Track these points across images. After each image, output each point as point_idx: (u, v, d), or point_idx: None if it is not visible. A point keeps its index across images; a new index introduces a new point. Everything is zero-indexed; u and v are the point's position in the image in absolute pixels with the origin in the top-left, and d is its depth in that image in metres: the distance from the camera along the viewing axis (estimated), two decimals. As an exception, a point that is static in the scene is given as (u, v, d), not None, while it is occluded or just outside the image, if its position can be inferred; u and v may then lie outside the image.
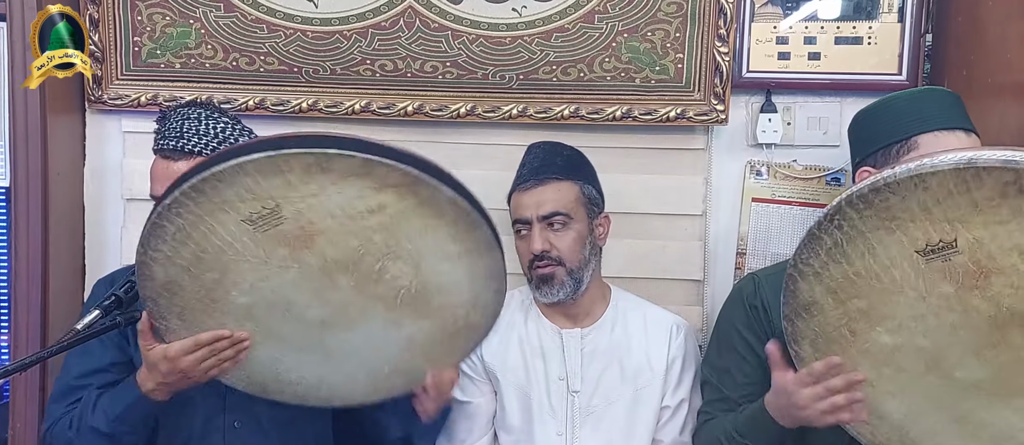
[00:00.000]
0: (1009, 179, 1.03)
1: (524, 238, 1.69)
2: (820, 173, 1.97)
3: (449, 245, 1.26)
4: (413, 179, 1.17)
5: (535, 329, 1.75)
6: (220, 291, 1.27)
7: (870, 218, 1.12)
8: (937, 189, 1.06)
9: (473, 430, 1.73)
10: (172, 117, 1.57)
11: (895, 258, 1.13)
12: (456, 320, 1.35)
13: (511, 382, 1.72)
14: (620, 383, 1.71)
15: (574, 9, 1.88)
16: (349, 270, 1.26)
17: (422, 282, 1.29)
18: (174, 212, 1.19)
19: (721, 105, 1.91)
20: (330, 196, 1.18)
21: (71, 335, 1.24)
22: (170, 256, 1.23)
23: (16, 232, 1.87)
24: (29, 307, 1.87)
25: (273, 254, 1.23)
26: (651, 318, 1.78)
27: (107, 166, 2.04)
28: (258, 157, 1.14)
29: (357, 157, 1.15)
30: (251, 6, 1.91)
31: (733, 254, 2.01)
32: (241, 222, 1.19)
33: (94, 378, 1.53)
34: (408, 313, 1.32)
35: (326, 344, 1.35)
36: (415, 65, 1.92)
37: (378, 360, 1.38)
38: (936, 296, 1.14)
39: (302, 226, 1.20)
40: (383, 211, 1.20)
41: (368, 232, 1.22)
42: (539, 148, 1.76)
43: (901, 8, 1.92)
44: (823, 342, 1.24)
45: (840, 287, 1.18)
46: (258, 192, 1.17)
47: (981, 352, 1.16)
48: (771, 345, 1.36)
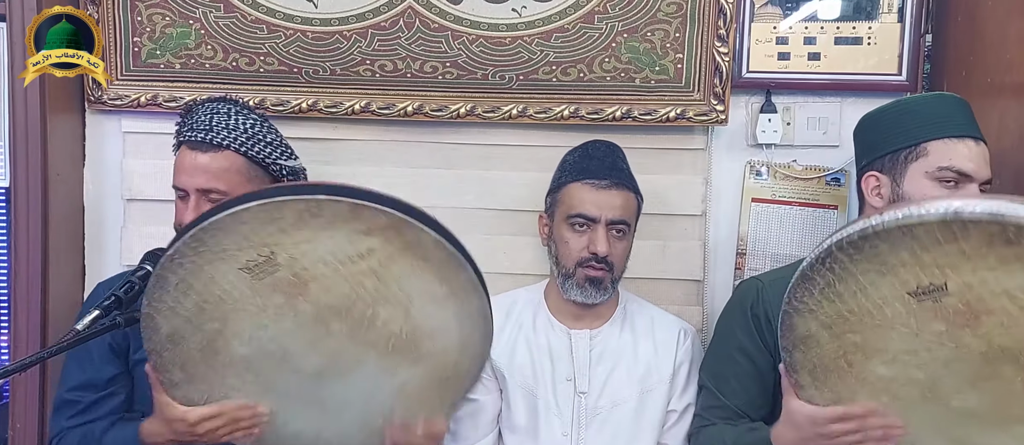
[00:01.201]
0: (995, 231, 1.04)
1: (581, 234, 1.66)
2: (820, 173, 1.97)
3: (436, 287, 1.30)
4: (398, 222, 1.22)
5: (543, 329, 1.75)
6: (221, 342, 1.31)
7: (860, 262, 1.13)
8: (925, 238, 1.08)
9: (478, 428, 1.73)
10: (200, 110, 1.58)
11: (887, 298, 1.15)
12: (446, 366, 1.38)
13: (518, 381, 1.72)
14: (627, 385, 1.71)
15: (574, 9, 1.88)
16: (342, 316, 1.30)
17: (412, 326, 1.32)
18: (177, 263, 1.23)
19: (721, 105, 1.91)
20: (322, 242, 1.23)
21: (71, 335, 1.24)
22: (173, 307, 1.27)
23: (16, 232, 1.87)
24: (29, 307, 1.87)
25: (270, 302, 1.28)
26: (658, 321, 1.78)
27: (107, 166, 2.04)
28: (253, 205, 1.20)
29: (345, 202, 1.20)
30: (251, 6, 1.91)
31: (733, 254, 2.01)
32: (239, 270, 1.24)
33: (89, 392, 1.56)
34: (400, 360, 1.35)
35: (322, 396, 1.39)
36: (415, 65, 1.92)
37: (372, 411, 1.42)
38: (928, 333, 1.15)
39: (296, 273, 1.25)
40: (372, 256, 1.25)
41: (359, 277, 1.26)
42: (605, 147, 1.75)
43: (901, 8, 1.92)
44: (821, 372, 1.25)
45: (834, 323, 1.20)
46: (254, 240, 1.22)
47: (976, 384, 1.17)
48: (783, 369, 1.32)
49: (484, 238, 1.98)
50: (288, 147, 1.68)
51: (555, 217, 1.72)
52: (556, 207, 1.72)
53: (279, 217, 1.20)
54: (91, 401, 1.56)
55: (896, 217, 1.09)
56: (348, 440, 1.45)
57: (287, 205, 1.19)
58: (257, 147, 1.58)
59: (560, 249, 1.70)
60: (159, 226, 1.88)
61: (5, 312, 1.96)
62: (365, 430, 1.44)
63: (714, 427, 1.58)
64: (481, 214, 2.00)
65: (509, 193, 1.99)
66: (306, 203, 1.19)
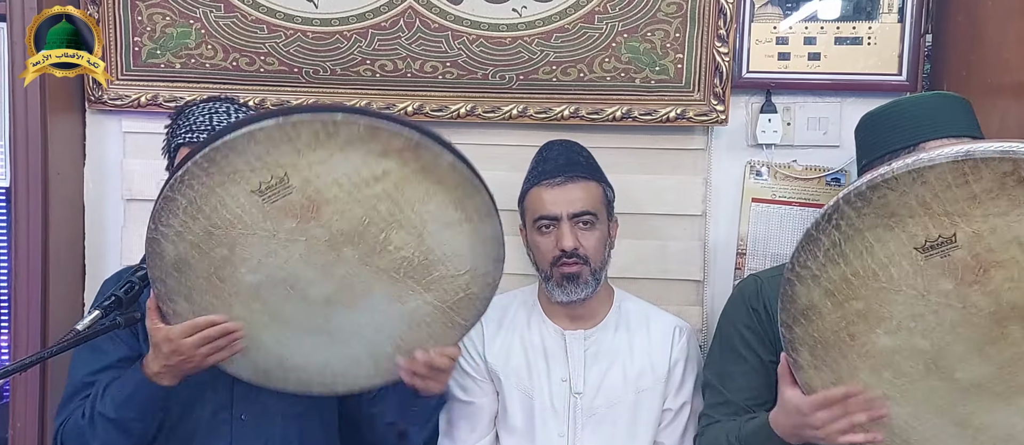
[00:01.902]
0: (1007, 169, 1.03)
1: (548, 235, 1.67)
2: (820, 173, 1.97)
3: (450, 212, 1.28)
4: (415, 143, 1.21)
5: (538, 330, 1.75)
6: (228, 269, 1.28)
7: (868, 216, 1.11)
8: (935, 183, 1.06)
9: (475, 430, 1.73)
10: (196, 111, 1.56)
11: (893, 256, 1.13)
12: (456, 291, 1.36)
13: (513, 383, 1.72)
14: (622, 385, 1.71)
15: (574, 9, 1.88)
16: (355, 242, 1.28)
17: (425, 252, 1.30)
18: (186, 184, 1.21)
19: (721, 105, 1.91)
20: (336, 163, 1.21)
21: (71, 335, 1.25)
22: (181, 231, 1.25)
23: (16, 232, 1.87)
24: (29, 307, 1.87)
25: (281, 226, 1.25)
26: (654, 320, 1.78)
27: (107, 166, 2.04)
28: (268, 124, 1.18)
29: (362, 121, 1.18)
30: (251, 6, 1.91)
31: (733, 254, 2.01)
32: (251, 193, 1.22)
33: (103, 375, 1.51)
34: (411, 286, 1.33)
35: (330, 325, 1.36)
36: (415, 65, 1.92)
37: (381, 339, 1.39)
38: (935, 293, 1.13)
39: (309, 196, 1.23)
40: (387, 178, 1.23)
41: (373, 201, 1.24)
42: (560, 146, 1.75)
43: (901, 8, 1.92)
44: (822, 349, 1.23)
45: (838, 289, 1.17)
46: (267, 160, 1.20)
47: (982, 349, 1.15)
48: (782, 359, 1.32)
49: (484, 238, 1.98)
50: None
51: (526, 225, 1.74)
52: (525, 215, 1.74)
53: (294, 136, 1.18)
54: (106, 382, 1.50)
55: (906, 163, 1.08)
56: (357, 369, 1.43)
57: (303, 124, 1.18)
58: None
59: (535, 254, 1.71)
60: (159, 226, 1.88)
61: (5, 312, 1.97)
62: (374, 359, 1.42)
63: (718, 424, 1.58)
64: (481, 214, 1.99)
65: (509, 193, 1.97)
66: (322, 123, 1.18)
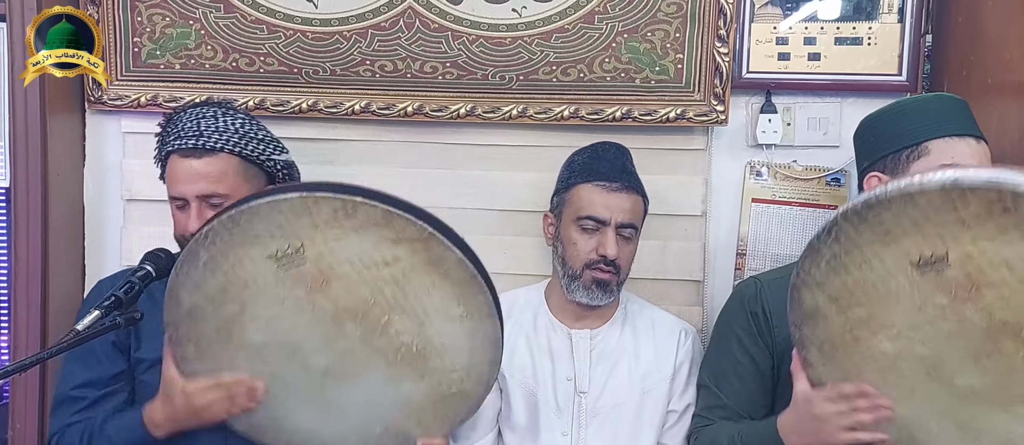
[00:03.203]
0: (993, 198, 1.06)
1: (591, 236, 1.66)
2: (820, 173, 1.97)
3: (453, 307, 1.32)
4: (428, 235, 1.26)
5: (544, 329, 1.75)
6: (237, 326, 1.34)
7: (865, 232, 1.16)
8: (926, 207, 1.10)
9: (477, 427, 1.73)
10: (184, 117, 1.57)
11: (891, 270, 1.16)
12: (450, 385, 1.40)
13: (518, 381, 1.72)
14: (627, 385, 1.71)
15: (574, 10, 1.88)
16: (358, 319, 1.33)
17: (424, 340, 1.35)
18: (209, 240, 1.27)
19: (721, 105, 1.91)
20: (351, 242, 1.27)
21: (71, 335, 1.24)
22: (198, 283, 1.31)
23: (16, 232, 1.87)
24: (29, 307, 1.87)
25: (291, 293, 1.31)
26: (659, 322, 1.78)
27: (107, 166, 2.04)
28: (293, 197, 1.24)
29: (380, 208, 1.24)
30: (251, 7, 1.91)
31: (733, 255, 2.01)
32: (267, 258, 1.28)
33: (91, 390, 1.55)
34: (407, 371, 1.38)
35: (326, 395, 1.41)
36: (415, 66, 1.92)
37: (372, 418, 1.43)
38: (931, 307, 1.16)
39: (321, 269, 1.29)
40: (396, 264, 1.28)
41: (380, 284, 1.30)
42: (616, 149, 1.74)
43: (901, 8, 1.92)
44: (829, 348, 1.27)
45: (841, 296, 1.22)
46: (287, 230, 1.26)
47: (978, 360, 1.18)
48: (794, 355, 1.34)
49: (484, 238, 1.97)
50: (278, 142, 1.67)
51: (563, 217, 1.71)
52: (564, 207, 1.71)
53: (315, 212, 1.24)
54: (94, 398, 1.55)
55: (899, 186, 1.11)
56: (344, 442, 1.46)
57: (324, 201, 1.24)
58: (250, 146, 1.57)
59: (568, 250, 1.69)
60: (159, 226, 1.87)
61: (5, 312, 1.97)
62: (362, 438, 1.45)
63: (714, 426, 1.58)
64: (481, 214, 2.00)
65: (509, 193, 1.99)
66: (343, 202, 1.23)
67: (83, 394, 1.55)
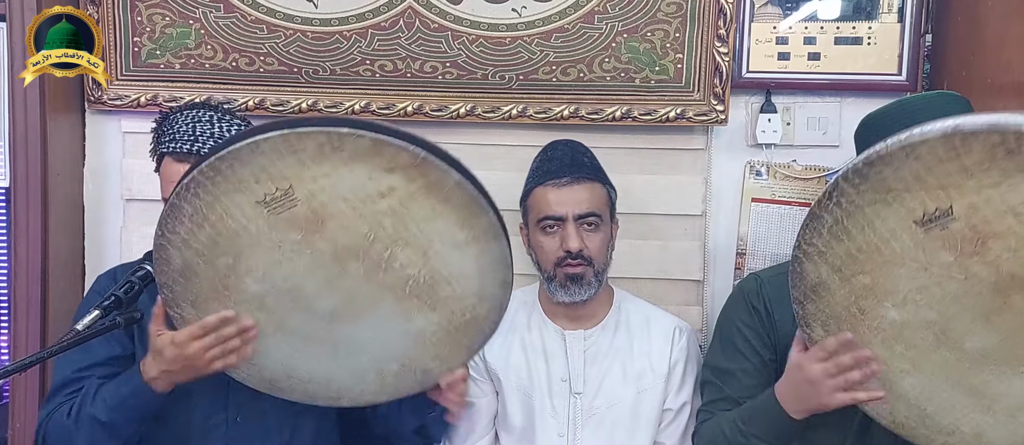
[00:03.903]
0: (996, 141, 1.04)
1: (553, 235, 1.66)
2: (820, 173, 1.97)
3: (457, 232, 1.27)
4: (421, 160, 1.20)
5: (538, 330, 1.75)
6: (233, 278, 1.28)
7: (866, 192, 1.13)
8: (928, 157, 1.08)
9: (474, 430, 1.73)
10: (180, 119, 1.54)
11: (894, 230, 1.14)
12: (463, 312, 1.35)
13: (513, 383, 1.72)
14: (622, 385, 1.71)
15: (574, 9, 1.88)
16: (359, 257, 1.27)
17: (430, 271, 1.29)
18: (192, 192, 1.21)
19: (721, 105, 1.91)
20: (342, 177, 1.20)
21: (71, 335, 1.24)
22: (186, 239, 1.25)
23: (16, 232, 1.87)
24: (29, 307, 1.87)
25: (286, 238, 1.25)
26: (654, 320, 1.78)
27: (107, 166, 2.04)
28: (273, 136, 1.17)
29: (367, 136, 1.17)
30: (251, 6, 1.91)
31: (733, 254, 2.01)
32: (256, 204, 1.22)
33: (96, 370, 1.49)
34: (417, 304, 1.32)
35: (335, 338, 1.35)
36: (415, 65, 1.92)
37: (387, 356, 1.39)
38: (937, 265, 1.14)
39: (314, 209, 1.22)
40: (392, 194, 1.22)
41: (378, 217, 1.24)
42: (564, 145, 1.75)
43: (901, 8, 1.92)
44: (834, 323, 1.25)
45: (844, 264, 1.19)
46: (272, 172, 1.19)
47: (988, 319, 1.16)
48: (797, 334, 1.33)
49: (484, 238, 1.98)
50: None
51: (529, 225, 1.73)
52: (528, 215, 1.73)
53: (299, 148, 1.18)
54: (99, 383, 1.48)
55: (899, 139, 1.09)
56: (362, 385, 1.42)
57: (308, 137, 1.17)
58: None
59: (538, 255, 1.70)
60: (159, 226, 1.88)
61: (5, 312, 1.97)
62: (380, 375, 1.41)
63: (716, 418, 1.58)
64: (481, 214, 1.99)
65: (509, 193, 1.97)
66: (328, 136, 1.17)
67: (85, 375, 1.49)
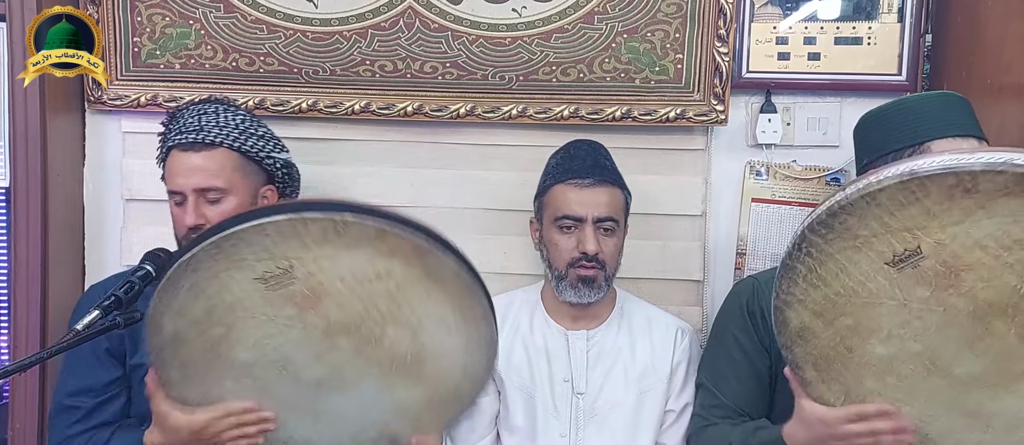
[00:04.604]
0: (952, 182, 1.06)
1: (570, 234, 1.66)
2: (820, 173, 1.97)
3: (448, 314, 1.31)
4: (423, 249, 1.23)
5: (540, 331, 1.75)
6: (224, 346, 1.31)
7: (834, 240, 1.15)
8: (888, 203, 1.10)
9: (475, 430, 1.73)
10: (186, 114, 1.58)
11: (867, 273, 1.16)
12: (446, 388, 1.40)
13: (515, 383, 1.72)
14: (624, 385, 1.71)
15: (574, 10, 1.88)
16: (351, 333, 1.31)
17: (419, 348, 1.34)
18: (192, 268, 1.23)
19: (721, 105, 1.91)
20: (342, 260, 1.23)
21: (71, 335, 1.24)
22: (180, 310, 1.27)
23: (16, 232, 1.87)
24: (29, 307, 1.86)
25: (280, 312, 1.28)
26: (656, 321, 1.78)
27: (107, 166, 2.04)
28: (279, 219, 1.20)
29: (371, 225, 1.20)
30: (251, 7, 1.91)
31: (733, 255, 2.01)
32: (254, 280, 1.24)
33: (86, 398, 1.55)
34: (401, 379, 1.37)
35: (318, 406, 1.39)
36: (415, 66, 1.92)
37: (365, 423, 1.43)
38: (915, 301, 1.16)
39: (312, 287, 1.26)
40: (390, 278, 1.26)
41: (373, 298, 1.27)
42: (587, 146, 1.74)
43: (901, 8, 1.92)
44: (824, 363, 1.26)
45: (824, 309, 1.21)
46: (274, 252, 1.22)
47: (972, 346, 1.18)
48: (788, 372, 1.32)
49: (483, 238, 1.98)
50: (278, 140, 1.68)
51: (544, 221, 1.72)
52: (543, 211, 1.72)
53: (303, 232, 1.20)
54: (91, 406, 1.55)
55: (858, 187, 1.11)
56: None
57: (314, 222, 1.19)
58: (250, 142, 1.58)
59: (551, 252, 1.70)
60: (159, 226, 1.87)
61: (5, 312, 1.96)
62: (355, 441, 1.45)
63: (716, 427, 1.58)
64: (480, 214, 2.00)
65: (509, 193, 1.99)
66: (333, 222, 1.20)
67: (78, 403, 1.55)
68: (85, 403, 1.55)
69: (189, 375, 1.34)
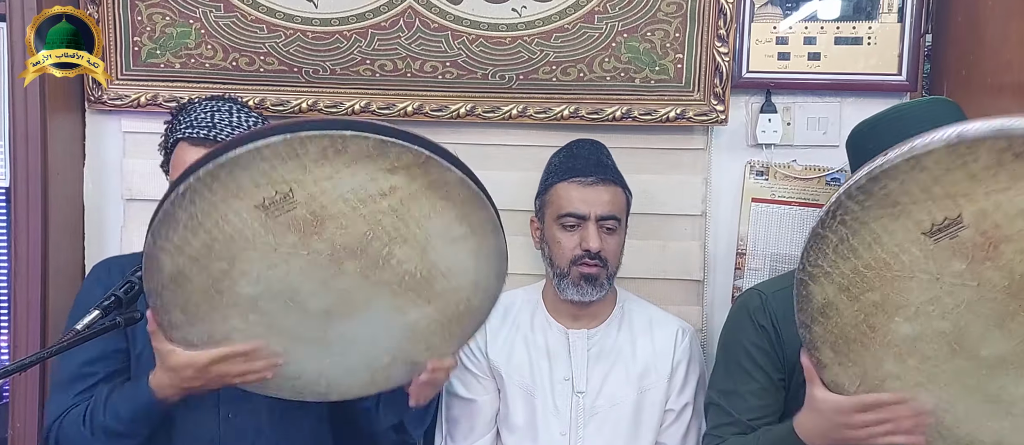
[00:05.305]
0: (1003, 145, 1.03)
1: (573, 232, 1.67)
2: (820, 173, 1.97)
3: (455, 227, 1.27)
4: (424, 159, 1.19)
5: (541, 329, 1.76)
6: (227, 282, 1.26)
7: (872, 208, 1.10)
8: (934, 167, 1.06)
9: (475, 428, 1.73)
10: (199, 107, 1.56)
11: (902, 243, 1.12)
12: (458, 304, 1.35)
13: (516, 381, 1.73)
14: (625, 384, 1.71)
15: (574, 9, 1.88)
16: (357, 256, 1.26)
17: (428, 266, 1.29)
18: (188, 200, 1.18)
19: (721, 105, 1.91)
20: (343, 179, 1.19)
21: (71, 335, 1.24)
22: (180, 246, 1.22)
23: (16, 232, 1.87)
24: (29, 307, 1.86)
25: (283, 240, 1.23)
26: (656, 321, 1.78)
27: (107, 166, 2.04)
28: (275, 140, 1.15)
29: (371, 138, 1.16)
30: (251, 6, 1.91)
31: (733, 254, 2.01)
32: (254, 208, 1.20)
33: (100, 365, 1.51)
34: (412, 298, 1.32)
35: (328, 335, 1.35)
36: (415, 65, 1.92)
37: (378, 350, 1.39)
38: (949, 275, 1.12)
39: (313, 211, 1.21)
40: (394, 193, 1.22)
41: (378, 216, 1.23)
42: (590, 145, 1.75)
43: (901, 8, 1.92)
44: (843, 344, 1.21)
45: (852, 283, 1.16)
46: (273, 176, 1.17)
47: (1002, 324, 1.14)
48: (804, 358, 1.28)
49: (484, 238, 1.98)
50: None
51: (545, 219, 1.72)
52: (545, 209, 1.72)
53: (301, 152, 1.16)
54: (105, 373, 1.51)
55: (902, 151, 1.07)
56: (351, 379, 1.42)
57: (311, 140, 1.15)
58: None
59: (553, 250, 1.70)
60: (159, 226, 1.88)
61: (5, 312, 1.97)
62: (369, 369, 1.41)
63: (727, 442, 1.54)
64: (481, 214, 2.00)
65: (509, 193, 1.98)
66: (331, 139, 1.15)
67: (93, 371, 1.50)
68: (99, 371, 1.50)
69: (191, 316, 1.29)
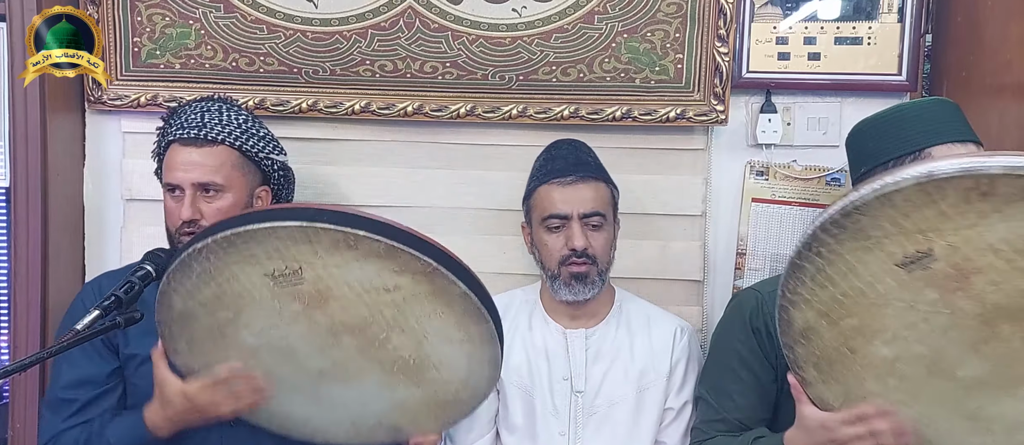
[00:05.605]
0: (970, 184, 1.05)
1: (558, 233, 1.68)
2: (820, 173, 1.97)
3: (453, 332, 1.33)
4: (432, 270, 1.25)
5: (539, 330, 1.76)
6: (231, 328, 1.34)
7: (846, 240, 1.15)
8: (903, 205, 1.09)
9: (474, 429, 1.73)
10: (188, 109, 1.60)
11: (877, 274, 1.16)
12: (446, 394, 1.42)
13: (514, 382, 1.73)
14: (624, 384, 1.71)
15: (574, 9, 1.88)
16: (355, 333, 1.33)
17: (421, 356, 1.36)
18: (204, 256, 1.26)
19: (721, 105, 1.91)
20: (351, 269, 1.25)
21: (71, 335, 1.24)
22: (190, 292, 1.31)
23: (16, 232, 1.87)
24: (29, 307, 1.86)
25: (287, 307, 1.30)
26: (655, 320, 1.78)
27: (107, 166, 2.04)
28: (291, 225, 1.22)
29: (383, 242, 1.22)
30: (251, 7, 1.91)
31: (733, 254, 2.01)
32: (263, 276, 1.27)
33: (82, 391, 1.55)
34: (402, 379, 1.39)
35: (319, 392, 1.42)
36: (415, 65, 1.92)
37: (366, 413, 1.46)
38: (923, 303, 1.16)
39: (319, 289, 1.28)
40: (397, 291, 1.28)
41: (380, 305, 1.29)
42: (568, 145, 1.76)
43: (901, 8, 1.92)
44: (826, 364, 1.26)
45: (830, 309, 1.21)
46: (285, 254, 1.25)
47: (977, 349, 1.17)
48: (791, 377, 1.32)
49: (483, 238, 1.98)
50: (277, 143, 1.70)
51: (532, 223, 1.74)
52: (531, 213, 1.74)
53: (315, 240, 1.22)
54: (87, 399, 1.55)
55: (873, 188, 1.10)
56: (337, 430, 1.48)
57: (325, 233, 1.21)
58: (251, 141, 1.60)
59: (542, 253, 1.71)
60: (159, 226, 1.86)
61: (5, 312, 1.96)
62: (355, 426, 1.47)
63: (714, 440, 1.57)
64: (480, 214, 2.00)
65: (509, 193, 1.98)
66: (344, 235, 1.21)
67: (74, 396, 1.55)
68: (81, 396, 1.55)
69: (196, 348, 1.38)
